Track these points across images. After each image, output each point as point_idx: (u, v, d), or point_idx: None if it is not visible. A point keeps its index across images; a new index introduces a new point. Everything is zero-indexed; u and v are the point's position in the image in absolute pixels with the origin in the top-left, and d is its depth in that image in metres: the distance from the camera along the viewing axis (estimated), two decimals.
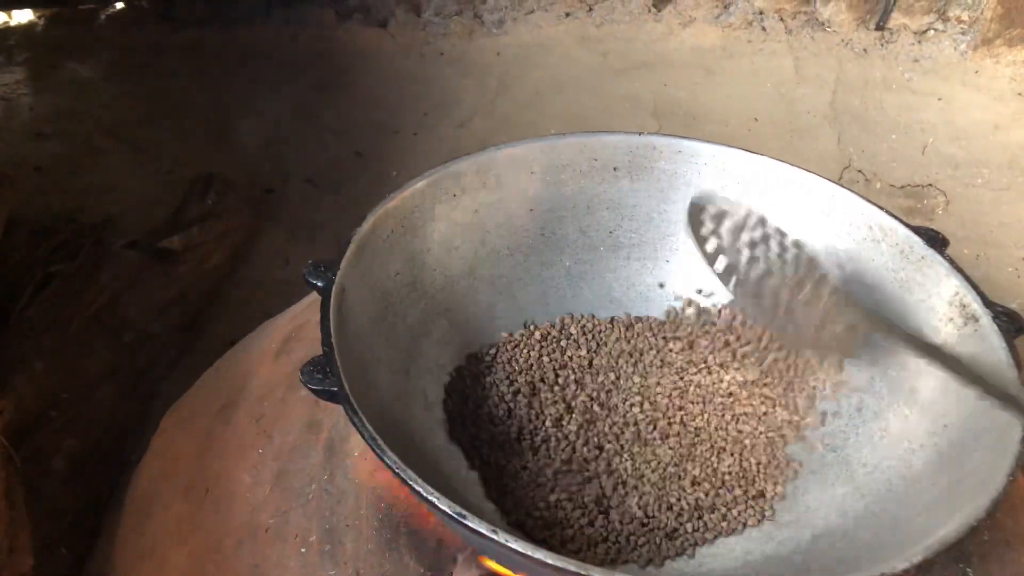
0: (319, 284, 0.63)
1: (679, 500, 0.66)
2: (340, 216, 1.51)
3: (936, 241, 0.69)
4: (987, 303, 0.63)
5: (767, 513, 0.66)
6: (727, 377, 0.77)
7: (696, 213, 0.69)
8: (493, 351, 0.78)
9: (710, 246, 0.68)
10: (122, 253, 1.28)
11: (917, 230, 0.70)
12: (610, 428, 0.71)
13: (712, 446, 0.71)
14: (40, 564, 0.78)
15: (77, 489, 0.95)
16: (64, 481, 0.94)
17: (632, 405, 0.73)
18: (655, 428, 0.71)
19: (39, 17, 2.17)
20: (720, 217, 0.69)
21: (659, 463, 0.69)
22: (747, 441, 0.71)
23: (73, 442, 0.97)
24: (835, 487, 0.66)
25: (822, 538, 0.62)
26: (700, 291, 0.83)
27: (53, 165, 1.70)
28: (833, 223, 0.76)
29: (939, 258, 0.68)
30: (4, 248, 1.20)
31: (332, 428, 0.71)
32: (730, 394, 0.75)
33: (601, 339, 0.81)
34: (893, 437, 0.66)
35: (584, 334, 0.81)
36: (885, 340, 0.64)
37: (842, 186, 0.76)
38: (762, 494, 0.67)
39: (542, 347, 0.79)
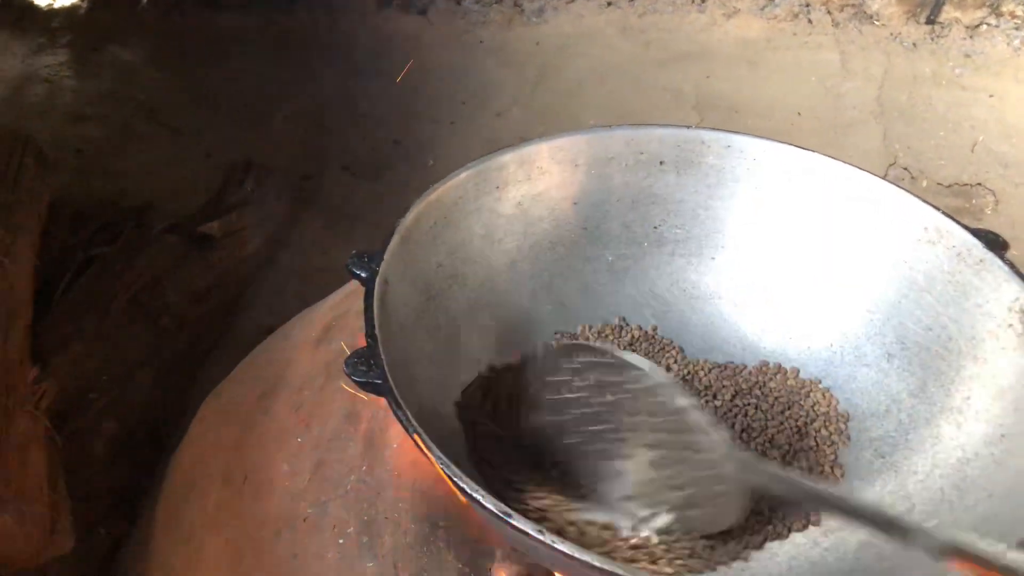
0: (363, 275, 0.62)
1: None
2: (377, 204, 1.51)
3: (996, 244, 0.67)
4: None
5: (812, 518, 0.64)
6: None
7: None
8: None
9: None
10: (162, 237, 1.29)
11: (975, 232, 0.68)
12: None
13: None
14: (79, 545, 0.79)
15: (116, 472, 0.96)
16: (104, 463, 0.95)
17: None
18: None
19: (82, 0, 2.20)
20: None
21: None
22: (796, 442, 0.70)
23: (113, 425, 0.98)
24: (883, 494, 0.64)
25: (869, 547, 0.60)
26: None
27: (94, 148, 1.72)
28: (886, 222, 0.74)
29: (999, 262, 0.66)
30: (46, 231, 1.21)
31: (371, 419, 0.71)
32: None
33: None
34: (945, 445, 0.64)
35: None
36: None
37: (898, 185, 0.74)
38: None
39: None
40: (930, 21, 1.73)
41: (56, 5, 2.19)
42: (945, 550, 0.47)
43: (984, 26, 1.71)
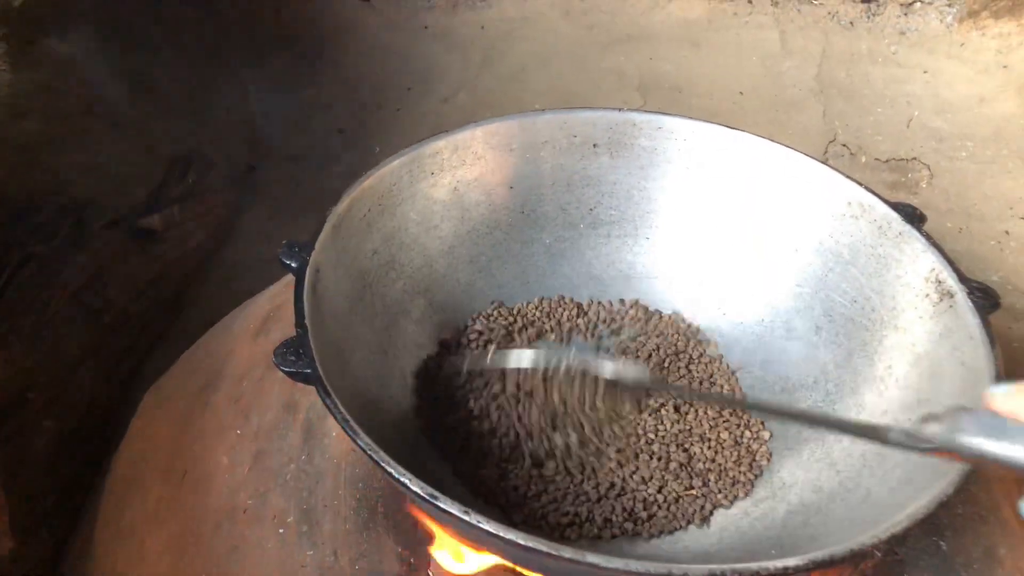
0: (293, 265, 0.62)
1: (657, 484, 0.66)
2: (322, 193, 1.49)
3: (914, 217, 0.69)
4: (963, 279, 0.63)
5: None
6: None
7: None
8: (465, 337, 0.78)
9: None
10: (102, 233, 1.27)
11: (895, 206, 0.70)
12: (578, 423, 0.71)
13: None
14: (20, 546, 0.78)
15: (57, 471, 0.94)
16: (44, 463, 0.93)
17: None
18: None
19: None
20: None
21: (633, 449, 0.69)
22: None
23: (53, 424, 0.97)
24: (810, 463, 0.66)
25: (796, 514, 0.62)
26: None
27: (32, 143, 1.67)
28: (812, 199, 0.76)
29: (916, 234, 0.68)
30: None
31: (309, 408, 0.71)
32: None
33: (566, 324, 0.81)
34: (869, 412, 0.66)
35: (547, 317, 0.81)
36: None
37: (822, 162, 0.76)
38: (736, 480, 0.67)
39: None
40: (866, 0, 1.76)
41: None
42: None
43: (918, 4, 1.74)
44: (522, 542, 0.44)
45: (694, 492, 0.66)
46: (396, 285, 0.75)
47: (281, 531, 0.64)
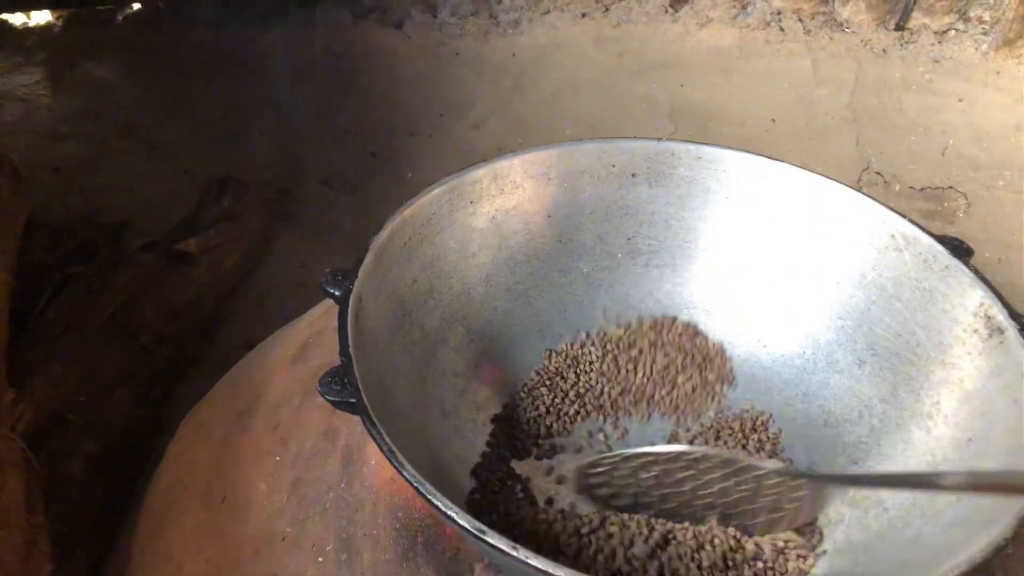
0: (336, 293, 0.63)
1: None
2: (355, 217, 1.51)
3: (960, 251, 0.68)
4: (1013, 315, 0.62)
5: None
6: None
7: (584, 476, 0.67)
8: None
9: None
10: (139, 255, 1.28)
11: (941, 239, 0.69)
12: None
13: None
14: (57, 568, 0.79)
15: (94, 492, 0.95)
16: (81, 484, 0.94)
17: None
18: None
19: (57, 18, 2.19)
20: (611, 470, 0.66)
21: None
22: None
23: (90, 445, 0.98)
24: (856, 500, 0.65)
25: (843, 553, 0.61)
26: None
27: (71, 166, 1.71)
28: (855, 230, 0.75)
29: (963, 268, 0.67)
30: (23, 250, 1.20)
31: (349, 436, 0.71)
32: None
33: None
34: (916, 450, 0.65)
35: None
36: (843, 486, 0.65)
37: (864, 193, 0.75)
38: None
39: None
40: (899, 27, 1.76)
41: (31, 24, 2.18)
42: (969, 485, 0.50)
43: (952, 31, 1.73)
44: None
45: None
46: (435, 314, 0.75)
47: (320, 560, 0.64)
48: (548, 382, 0.79)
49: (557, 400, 0.78)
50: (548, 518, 0.65)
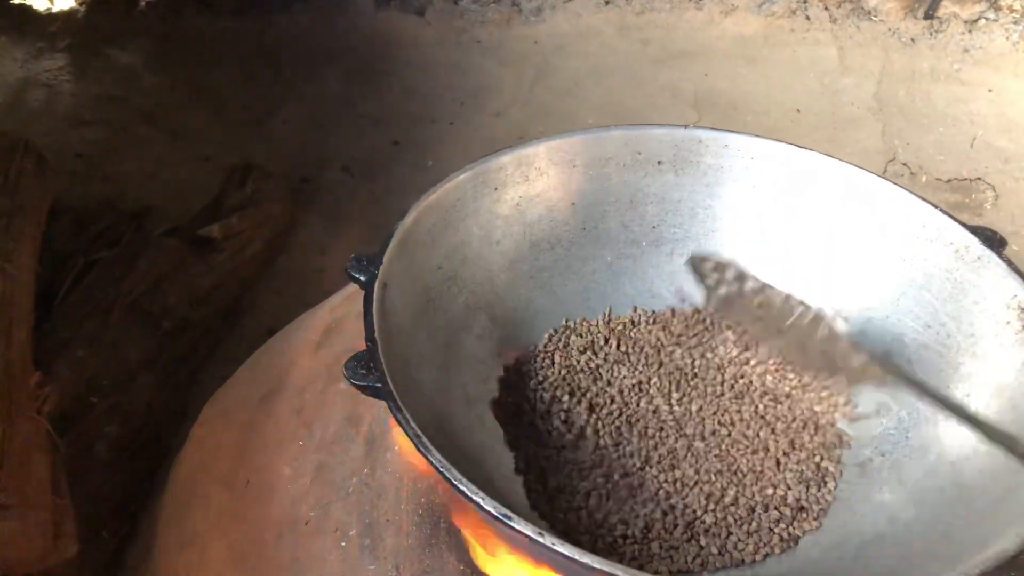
0: (361, 278, 0.63)
1: (726, 509, 0.65)
2: (376, 205, 1.51)
3: (993, 241, 0.67)
4: None
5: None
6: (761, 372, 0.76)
7: (698, 263, 0.71)
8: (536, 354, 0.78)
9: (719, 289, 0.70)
10: (162, 241, 1.29)
11: (973, 229, 0.68)
12: (653, 437, 0.70)
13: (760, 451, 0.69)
14: (83, 549, 0.80)
15: (119, 475, 0.96)
16: (106, 467, 0.95)
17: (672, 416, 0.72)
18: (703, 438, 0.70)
19: (80, 4, 2.20)
20: (723, 267, 0.71)
21: (708, 471, 0.67)
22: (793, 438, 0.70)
23: (114, 429, 0.98)
24: (884, 492, 0.64)
25: (871, 545, 0.60)
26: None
27: (94, 152, 1.72)
28: (883, 220, 0.74)
29: (996, 259, 0.66)
30: (46, 235, 1.21)
31: (372, 421, 0.71)
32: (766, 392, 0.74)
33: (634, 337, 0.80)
34: (946, 442, 0.64)
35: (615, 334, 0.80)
36: (898, 385, 0.65)
37: (894, 183, 0.74)
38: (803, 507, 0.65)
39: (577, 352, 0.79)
40: (928, 16, 1.73)
41: (55, 9, 2.19)
42: None
43: (983, 20, 1.71)
44: (598, 566, 0.44)
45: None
46: (458, 300, 0.74)
47: (343, 544, 0.64)
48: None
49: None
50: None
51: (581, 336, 0.80)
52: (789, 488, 0.66)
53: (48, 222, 1.23)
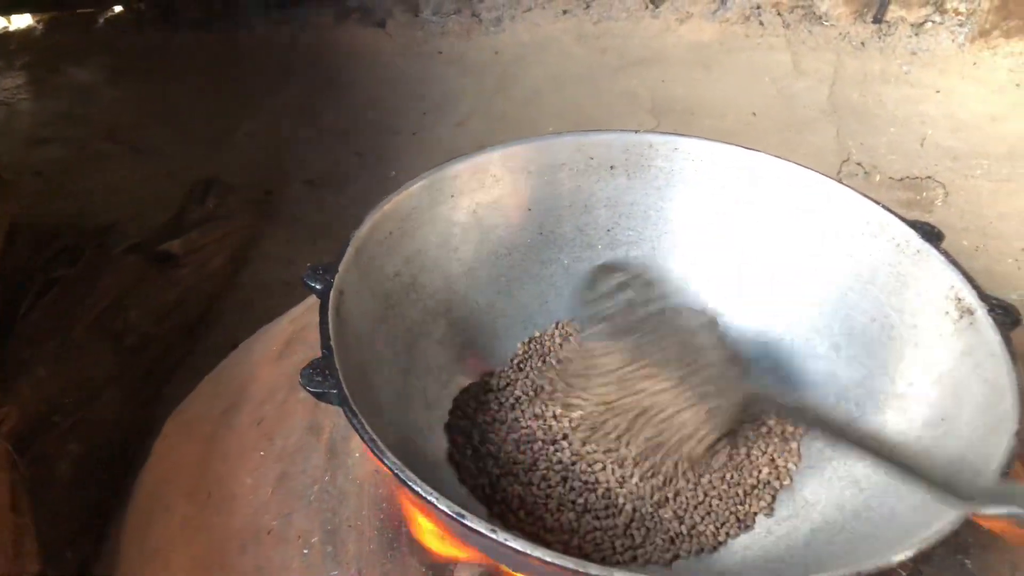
0: (317, 287, 0.63)
1: (682, 505, 0.66)
2: (341, 217, 1.51)
3: (932, 235, 0.69)
4: (983, 296, 0.63)
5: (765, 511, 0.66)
6: None
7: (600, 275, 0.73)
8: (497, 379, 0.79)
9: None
10: (123, 257, 1.28)
11: (913, 224, 0.71)
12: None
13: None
14: (46, 568, 0.79)
15: (82, 493, 0.95)
16: (69, 486, 0.94)
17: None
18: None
19: (38, 21, 2.18)
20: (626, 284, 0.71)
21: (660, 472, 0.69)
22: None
23: (77, 447, 0.98)
24: (833, 481, 0.66)
25: (820, 532, 0.62)
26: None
27: (54, 170, 1.71)
28: (830, 218, 0.76)
29: (935, 252, 0.68)
30: (6, 254, 1.20)
31: (333, 429, 0.72)
32: None
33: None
34: (891, 430, 0.66)
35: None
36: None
37: (839, 181, 0.76)
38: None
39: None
40: (877, 20, 1.78)
41: (11, 28, 2.17)
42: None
43: (929, 23, 1.75)
44: (551, 560, 0.45)
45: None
46: (417, 306, 0.75)
47: (305, 552, 0.64)
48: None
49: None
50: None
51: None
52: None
53: (7, 240, 1.22)
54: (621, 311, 0.69)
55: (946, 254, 0.67)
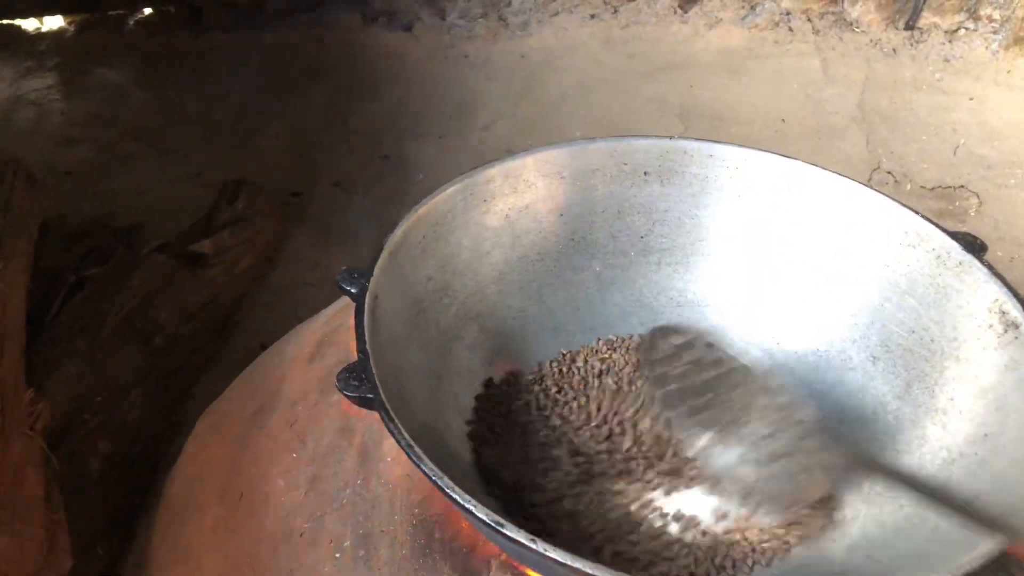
0: (352, 291, 0.63)
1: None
2: (367, 219, 1.52)
3: (974, 246, 0.68)
4: None
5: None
6: None
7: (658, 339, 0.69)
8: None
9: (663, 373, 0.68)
10: (152, 257, 1.29)
11: (954, 235, 0.69)
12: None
13: None
14: (77, 564, 0.79)
15: (112, 490, 0.96)
16: (99, 482, 0.95)
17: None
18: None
19: (69, 23, 2.21)
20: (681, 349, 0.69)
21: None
22: None
23: (107, 444, 0.99)
24: (872, 496, 0.65)
25: (859, 548, 0.61)
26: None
27: (84, 170, 1.72)
28: (867, 228, 0.75)
29: (977, 263, 0.67)
30: (37, 253, 1.22)
31: (365, 433, 0.71)
32: None
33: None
34: (931, 446, 0.65)
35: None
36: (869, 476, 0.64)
37: (877, 190, 0.75)
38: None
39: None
40: (909, 27, 1.76)
41: (43, 29, 2.20)
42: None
43: (962, 30, 1.73)
44: (590, 571, 0.44)
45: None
46: (449, 311, 0.75)
47: (337, 556, 0.64)
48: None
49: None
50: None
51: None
52: None
53: (38, 240, 1.23)
54: (687, 372, 0.67)
55: (989, 266, 0.66)
